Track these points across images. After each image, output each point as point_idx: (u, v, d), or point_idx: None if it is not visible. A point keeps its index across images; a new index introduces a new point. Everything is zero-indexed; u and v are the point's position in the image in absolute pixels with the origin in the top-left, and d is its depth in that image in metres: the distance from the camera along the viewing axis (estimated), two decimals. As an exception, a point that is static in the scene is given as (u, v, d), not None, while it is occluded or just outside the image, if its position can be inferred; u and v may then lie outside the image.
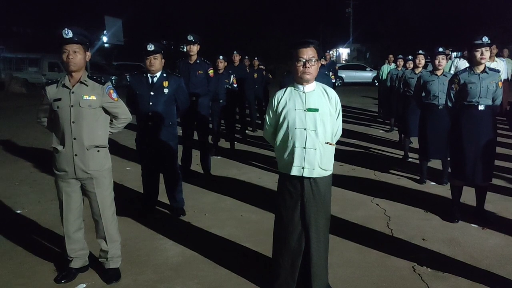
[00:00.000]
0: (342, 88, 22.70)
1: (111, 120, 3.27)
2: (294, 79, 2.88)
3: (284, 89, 2.93)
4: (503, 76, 8.93)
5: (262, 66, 10.54)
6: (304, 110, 2.81)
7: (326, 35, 39.53)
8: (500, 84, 4.27)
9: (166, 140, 4.35)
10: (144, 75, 4.34)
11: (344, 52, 44.32)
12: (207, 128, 6.06)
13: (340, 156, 6.93)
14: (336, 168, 6.18)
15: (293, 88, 2.89)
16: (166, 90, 4.30)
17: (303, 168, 2.82)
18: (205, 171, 6.06)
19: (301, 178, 2.85)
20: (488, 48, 4.17)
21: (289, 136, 2.83)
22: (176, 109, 4.53)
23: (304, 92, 2.84)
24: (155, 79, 4.31)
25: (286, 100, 2.87)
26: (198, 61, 5.69)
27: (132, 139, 4.56)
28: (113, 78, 20.10)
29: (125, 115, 3.31)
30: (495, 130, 4.24)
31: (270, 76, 11.14)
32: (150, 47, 4.19)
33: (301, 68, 2.76)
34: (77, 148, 3.03)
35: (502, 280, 3.22)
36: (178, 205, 4.61)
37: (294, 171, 2.83)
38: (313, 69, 2.78)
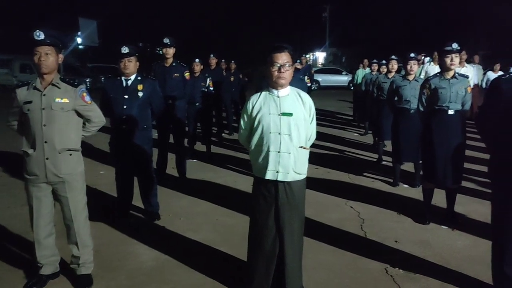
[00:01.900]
0: (319, 91, 22.95)
1: (84, 123, 3.22)
2: (268, 83, 2.91)
3: (259, 93, 2.95)
4: (473, 81, 9.22)
5: (241, 75, 10.59)
6: (279, 115, 2.83)
7: (303, 39, 39.87)
8: (469, 89, 4.39)
9: (141, 144, 4.31)
10: (119, 78, 4.29)
11: (320, 56, 44.76)
12: (183, 131, 6.03)
13: (315, 159, 7.02)
14: (311, 171, 6.29)
15: (267, 92, 2.91)
16: (140, 94, 4.26)
17: (277, 172, 2.84)
18: (180, 174, 6.03)
19: (275, 182, 2.87)
20: (457, 54, 4.29)
21: (263, 140, 2.85)
22: (151, 112, 4.50)
23: (278, 97, 2.86)
24: (129, 82, 4.26)
25: (261, 104, 2.88)
26: (174, 64, 5.66)
27: (106, 142, 4.50)
28: (87, 80, 19.78)
29: (98, 118, 3.27)
30: (464, 134, 4.36)
31: (246, 79, 11.16)
32: (125, 50, 4.15)
33: (275, 73, 2.78)
34: (49, 152, 2.97)
35: (470, 280, 3.31)
36: (153, 209, 4.58)
37: (269, 175, 2.85)
38: (287, 74, 2.80)
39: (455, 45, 4.22)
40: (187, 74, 5.75)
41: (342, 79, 25.95)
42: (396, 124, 5.62)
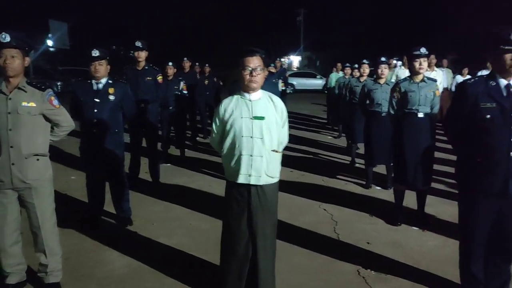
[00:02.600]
0: (294, 95, 23.06)
1: (52, 128, 3.15)
2: (240, 87, 2.90)
3: (231, 97, 2.95)
4: (443, 85, 9.44)
5: (215, 79, 10.56)
6: (251, 118, 2.83)
7: (278, 43, 40.09)
8: (437, 92, 4.50)
9: (112, 148, 4.24)
10: (89, 81, 4.21)
11: (295, 60, 45.07)
12: (156, 135, 5.97)
13: (289, 162, 7.08)
14: (286, 174, 6.36)
15: (239, 96, 2.90)
16: (111, 97, 4.19)
17: (250, 175, 2.84)
18: (154, 179, 5.96)
19: (248, 186, 2.86)
20: (426, 59, 4.40)
21: (235, 144, 2.85)
22: (123, 116, 4.44)
23: (250, 100, 2.86)
24: (100, 86, 4.19)
25: (233, 108, 2.88)
26: (146, 68, 5.61)
27: (77, 147, 4.40)
28: (58, 83, 19.37)
29: (67, 122, 3.20)
30: (433, 137, 4.45)
31: (221, 83, 11.14)
32: (95, 53, 4.09)
33: (247, 76, 2.79)
34: (15, 157, 2.89)
35: (439, 279, 3.38)
36: (125, 214, 4.50)
37: (241, 179, 2.85)
38: (259, 77, 2.81)
39: (423, 50, 4.32)
40: (160, 78, 5.70)
41: (317, 82, 26.17)
42: (368, 127, 5.70)
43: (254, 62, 2.78)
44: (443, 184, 5.78)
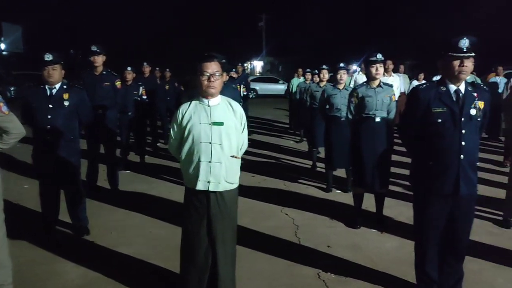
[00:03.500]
0: (256, 100, 23.19)
1: (1, 135, 3.01)
2: (199, 92, 2.88)
3: (189, 102, 2.92)
4: (400, 89, 9.73)
5: (176, 83, 10.45)
6: (209, 124, 2.81)
7: (240, 48, 40.19)
8: (394, 97, 4.63)
9: (67, 155, 4.10)
10: (42, 86, 4.07)
11: (258, 65, 45.34)
12: (115, 141, 5.83)
13: (251, 167, 7.10)
14: (247, 179, 6.37)
15: (198, 101, 2.88)
16: (66, 103, 4.06)
17: (208, 182, 2.81)
18: (112, 186, 5.80)
19: (207, 193, 2.84)
20: (382, 64, 4.51)
21: (194, 150, 2.82)
22: (79, 123, 4.31)
23: (209, 106, 2.84)
24: (54, 91, 4.06)
25: (191, 113, 2.85)
26: (104, 72, 5.48)
27: (30, 155, 4.23)
28: (12, 88, 18.62)
29: (17, 129, 3.07)
30: (390, 141, 4.56)
31: (183, 88, 11.04)
32: (48, 57, 3.96)
33: (205, 82, 2.77)
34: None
35: (397, 280, 3.46)
36: (81, 223, 4.36)
37: (200, 186, 2.82)
38: (217, 83, 2.79)
39: (379, 56, 4.44)
40: (118, 83, 5.58)
41: (279, 87, 26.38)
42: (328, 131, 5.78)
43: (212, 67, 2.77)
44: (401, 187, 5.93)
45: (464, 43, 2.67)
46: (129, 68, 6.86)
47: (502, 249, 4.06)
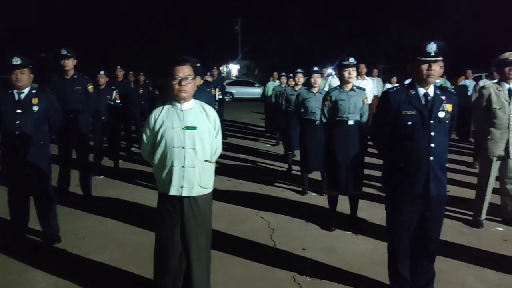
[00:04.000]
0: (233, 103, 23.10)
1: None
2: (171, 97, 2.86)
3: (162, 107, 2.89)
4: (374, 93, 9.88)
5: (151, 87, 10.36)
6: (182, 128, 2.79)
7: (216, 52, 40.15)
8: (366, 101, 4.69)
9: (37, 161, 4.01)
10: (10, 91, 3.97)
11: (234, 69, 45.35)
12: (87, 146, 5.72)
13: (227, 171, 7.08)
14: (223, 183, 6.35)
15: (170, 106, 2.86)
16: (35, 108, 3.97)
17: (182, 187, 2.80)
18: (85, 192, 5.69)
19: (180, 198, 2.82)
20: (354, 68, 4.57)
21: (167, 155, 2.79)
22: (49, 128, 4.22)
23: (181, 110, 2.82)
24: (22, 96, 3.96)
25: (164, 118, 2.83)
26: (75, 76, 5.39)
27: (-2, 161, 4.11)
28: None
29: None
30: (363, 143, 4.62)
31: (157, 92, 10.93)
32: (16, 61, 3.86)
33: (176, 86, 2.75)
34: None
35: (370, 281, 3.50)
36: (52, 231, 4.25)
37: (173, 191, 2.80)
38: (189, 87, 2.78)
39: (352, 60, 4.50)
40: (90, 87, 5.49)
41: (255, 91, 26.44)
42: (303, 135, 5.82)
43: (184, 71, 2.75)
44: (375, 189, 6.01)
45: (432, 47, 2.73)
46: (101, 72, 6.76)
47: (472, 248, 4.15)
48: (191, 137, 2.79)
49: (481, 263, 3.76)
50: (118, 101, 6.96)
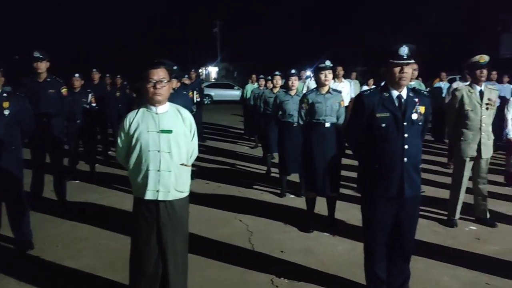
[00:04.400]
0: (212, 106, 23.15)
1: None
2: (146, 100, 2.83)
3: (136, 110, 2.86)
4: (351, 95, 9.99)
5: (128, 90, 10.26)
6: (158, 132, 2.76)
7: (195, 54, 40.01)
8: (342, 103, 4.74)
9: (8, 166, 3.92)
10: (-21, 94, 3.86)
11: (213, 71, 45.27)
12: (61, 150, 5.60)
13: (205, 174, 7.05)
14: (201, 187, 6.32)
15: (145, 109, 2.83)
16: (6, 112, 3.88)
17: (157, 191, 2.77)
18: (59, 197, 5.56)
19: (156, 202, 2.79)
20: (330, 71, 4.61)
21: (142, 159, 2.76)
22: (21, 131, 4.12)
23: (157, 114, 2.80)
24: (-7, 100, 3.86)
25: (139, 121, 2.80)
26: (48, 79, 5.27)
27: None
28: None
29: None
30: (340, 145, 4.66)
31: (134, 95, 10.82)
32: (-15, 64, 3.76)
33: (151, 89, 2.73)
34: None
35: (348, 282, 3.53)
36: (25, 237, 4.15)
37: (149, 195, 2.77)
38: (164, 90, 2.76)
39: (328, 62, 4.54)
40: (64, 90, 5.39)
41: (234, 93, 26.43)
42: (281, 137, 5.82)
43: (159, 74, 2.73)
44: (352, 190, 6.07)
45: (404, 50, 2.78)
46: (76, 75, 6.65)
47: (447, 247, 4.23)
48: (167, 141, 2.77)
49: (455, 262, 3.83)
50: (94, 104, 6.85)
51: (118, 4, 34.04)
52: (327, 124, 4.56)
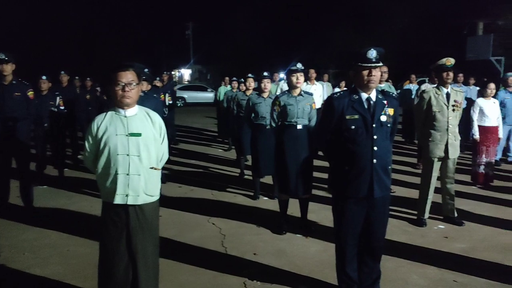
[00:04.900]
0: (185, 108, 23.00)
1: None
2: (114, 103, 2.78)
3: (105, 113, 2.81)
4: (324, 97, 10.09)
5: (98, 88, 10.06)
6: (126, 135, 2.72)
7: (167, 56, 39.66)
8: (314, 105, 4.77)
9: (-29, 172, 3.77)
10: None
11: (186, 73, 44.96)
12: (27, 154, 5.44)
13: (178, 177, 7.00)
14: (174, 190, 6.26)
15: (114, 112, 2.78)
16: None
17: (127, 195, 2.72)
18: (26, 203, 5.40)
19: (125, 206, 2.74)
20: (302, 73, 4.65)
21: (111, 163, 2.71)
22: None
23: (125, 117, 2.75)
24: (-47, 103, 3.72)
25: (107, 125, 2.74)
26: (14, 82, 5.13)
27: None
28: None
29: None
30: (312, 147, 4.69)
31: (105, 97, 10.63)
32: None
33: (120, 92, 2.68)
34: None
35: (320, 283, 3.56)
36: (-11, 246, 4.02)
37: (118, 200, 2.71)
38: (133, 93, 2.71)
39: (299, 65, 4.57)
40: (30, 93, 5.24)
41: (208, 95, 26.37)
42: (254, 139, 5.82)
43: (127, 76, 2.69)
44: (325, 191, 6.12)
45: (372, 53, 2.82)
46: (43, 77, 6.48)
47: (416, 246, 4.31)
48: (136, 144, 2.73)
49: (424, 260, 3.91)
50: (62, 107, 6.69)
51: (89, 5, 33.43)
52: (299, 126, 4.59)
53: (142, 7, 37.39)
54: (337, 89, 12.61)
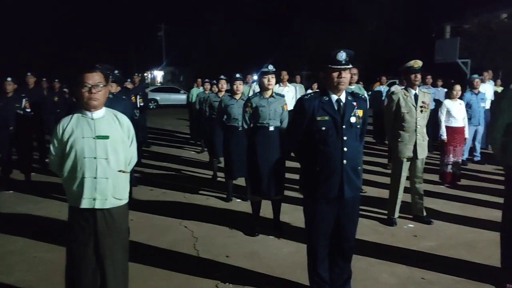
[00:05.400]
0: (157, 110, 22.76)
1: None
2: (81, 105, 2.72)
3: (71, 116, 2.74)
4: (296, 99, 10.16)
5: (66, 89, 9.83)
6: (93, 138, 2.66)
7: (139, 58, 39.16)
8: (286, 107, 4.79)
9: None
10: None
11: (158, 75, 44.49)
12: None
13: (150, 180, 6.90)
14: (146, 193, 6.17)
15: (80, 114, 2.71)
16: None
17: (94, 199, 2.66)
18: (-10, 209, 5.24)
19: (93, 211, 2.68)
20: (273, 75, 4.66)
21: (77, 166, 2.64)
22: None
23: (92, 119, 2.69)
24: None
25: (73, 127, 2.68)
26: (-23, 84, 4.95)
27: None
28: None
29: None
30: (284, 149, 4.70)
31: (74, 100, 10.40)
32: None
33: (86, 94, 2.62)
34: None
35: (292, 284, 3.57)
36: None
37: (85, 204, 2.65)
38: (100, 94, 2.66)
39: (271, 67, 4.59)
40: (-5, 95, 5.08)
41: (180, 97, 26.15)
42: (227, 141, 5.79)
43: (94, 78, 2.63)
44: (297, 192, 6.13)
45: (341, 56, 2.85)
46: (9, 79, 6.28)
47: (386, 245, 4.38)
48: (103, 147, 2.67)
49: (394, 259, 3.98)
50: (28, 110, 6.50)
51: (58, 6, 32.71)
52: (271, 128, 4.60)
53: (114, 8, 36.84)
54: (309, 91, 12.72)
